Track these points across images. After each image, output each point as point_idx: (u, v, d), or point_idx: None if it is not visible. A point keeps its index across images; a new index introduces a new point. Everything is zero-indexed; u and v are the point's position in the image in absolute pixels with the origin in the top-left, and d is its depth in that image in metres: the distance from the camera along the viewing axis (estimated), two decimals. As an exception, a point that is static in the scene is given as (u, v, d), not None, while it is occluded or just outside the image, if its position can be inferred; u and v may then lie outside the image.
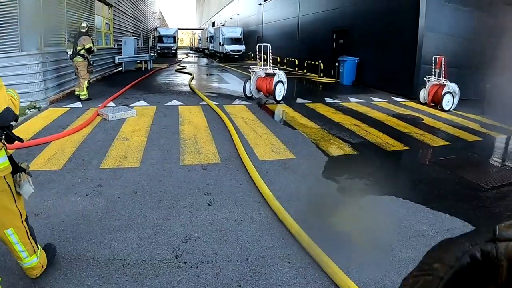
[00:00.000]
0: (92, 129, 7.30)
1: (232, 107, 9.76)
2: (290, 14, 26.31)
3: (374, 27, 15.75)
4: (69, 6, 12.27)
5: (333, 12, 19.40)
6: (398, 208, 4.28)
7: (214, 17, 75.75)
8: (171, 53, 42.68)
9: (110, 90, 12.38)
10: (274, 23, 30.73)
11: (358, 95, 13.07)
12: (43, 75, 10.09)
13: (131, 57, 21.00)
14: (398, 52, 14.25)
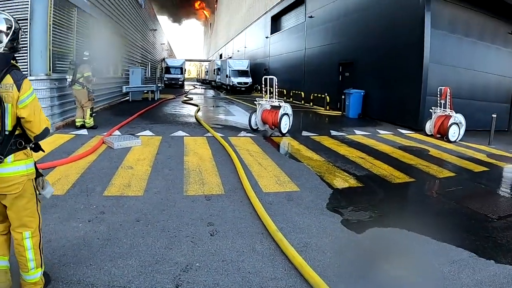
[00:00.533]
0: (97, 156, 7.42)
1: (238, 139, 9.89)
2: (296, 47, 26.86)
3: (379, 59, 16.06)
4: (78, 34, 12.63)
5: (338, 45, 19.85)
6: (402, 240, 4.30)
7: (221, 50, 77.24)
8: (178, 84, 42.96)
9: (116, 119, 12.58)
10: (280, 56, 31.32)
11: (364, 128, 13.23)
12: (50, 101, 10.32)
13: (138, 87, 21.30)
14: (403, 84, 14.47)
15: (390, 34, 15.33)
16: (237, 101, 24.58)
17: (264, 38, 36.71)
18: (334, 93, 19.80)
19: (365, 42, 17.22)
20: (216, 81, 44.98)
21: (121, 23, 20.03)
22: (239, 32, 53.19)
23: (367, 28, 17.01)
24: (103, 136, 9.31)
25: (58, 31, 10.94)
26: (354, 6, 18.21)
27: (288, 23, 31.15)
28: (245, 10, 49.88)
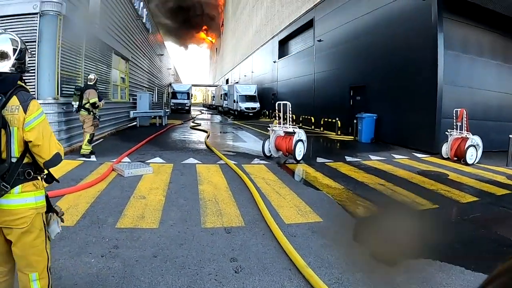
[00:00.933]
0: (107, 184, 7.22)
1: (252, 167, 9.68)
2: (305, 72, 26.92)
3: (391, 82, 15.99)
4: (87, 58, 12.72)
5: (349, 68, 19.85)
6: (437, 272, 4.05)
7: (227, 74, 77.86)
8: (185, 110, 43.08)
9: (124, 145, 12.49)
10: (289, 81, 31.41)
11: (378, 153, 13.07)
12: (57, 125, 10.27)
13: (146, 112, 21.32)
14: (417, 107, 14.34)
15: (401, 56, 15.31)
16: (246, 126, 24.46)
17: (272, 63, 36.93)
18: (345, 118, 19.72)
19: (376, 64, 17.22)
20: (223, 106, 45.14)
21: (129, 47, 20.20)
22: (245, 56, 53.69)
23: (377, 51, 17.03)
24: (112, 163, 9.15)
25: (67, 54, 10.96)
26: (363, 28, 18.28)
27: (296, 47, 31.37)
28: (251, 35, 50.48)
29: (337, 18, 21.30)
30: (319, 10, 24.37)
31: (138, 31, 23.17)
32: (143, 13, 23.39)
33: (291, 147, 10.73)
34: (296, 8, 29.74)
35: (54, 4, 9.96)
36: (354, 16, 19.22)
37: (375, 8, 17.27)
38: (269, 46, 38.65)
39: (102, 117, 14.52)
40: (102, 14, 14.28)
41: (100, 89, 14.48)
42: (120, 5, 17.68)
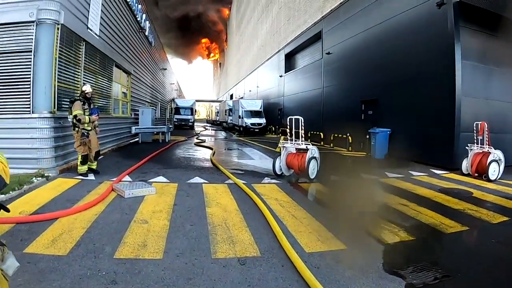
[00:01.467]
0: (105, 206, 6.73)
1: (262, 187, 9.16)
2: (313, 86, 26.68)
3: (405, 95, 15.63)
4: (86, 70, 12.41)
5: (360, 82, 19.54)
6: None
7: (232, 90, 77.95)
8: (189, 126, 43.18)
9: (125, 162, 12.10)
10: (296, 95, 31.19)
11: (395, 170, 12.59)
12: (54, 141, 9.82)
13: (149, 128, 21.07)
14: (434, 120, 13.97)
15: (415, 67, 15.01)
16: (252, 143, 24.06)
17: (278, 77, 36.82)
18: (357, 133, 19.26)
19: (388, 77, 16.92)
20: (227, 122, 45.03)
21: (131, 60, 20.01)
22: (250, 71, 53.77)
23: (390, 62, 16.75)
24: (112, 182, 8.67)
25: (64, 65, 10.59)
26: (374, 40, 18.03)
27: (303, 61, 31.26)
28: (256, 49, 50.57)
29: (346, 30, 21.13)
30: (327, 22, 24.23)
31: (140, 44, 23.04)
32: (145, 26, 23.24)
33: (303, 165, 10.25)
34: (303, 21, 29.70)
35: (52, 12, 9.62)
36: (364, 27, 19.04)
37: (386, 18, 17.05)
38: (275, 60, 38.62)
39: (103, 133, 14.17)
40: (102, 25, 14.04)
41: (100, 103, 14.31)
42: (122, 16, 17.52)
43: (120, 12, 17.15)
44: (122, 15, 17.47)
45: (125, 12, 18.27)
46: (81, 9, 11.80)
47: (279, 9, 38.07)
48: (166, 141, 21.76)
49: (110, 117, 15.94)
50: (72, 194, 7.61)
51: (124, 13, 17.92)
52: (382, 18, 17.34)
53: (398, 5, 16.19)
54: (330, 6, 23.68)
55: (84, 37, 11.98)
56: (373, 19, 18.16)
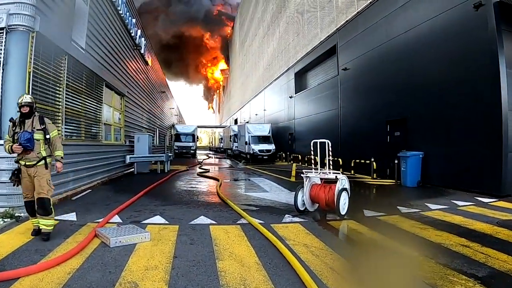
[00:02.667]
0: (83, 260, 5.45)
1: (285, 228, 7.82)
2: (328, 106, 25.98)
3: (440, 112, 14.78)
4: (69, 89, 11.49)
5: (384, 99, 18.73)
6: None
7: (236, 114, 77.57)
8: (190, 153, 43.34)
9: (116, 198, 11.13)
10: (308, 118, 30.54)
11: (434, 200, 11.68)
12: None
13: (145, 157, 20.53)
14: (476, 140, 13.07)
15: (450, 79, 14.19)
16: (262, 172, 23.13)
17: (287, 98, 36.33)
18: (382, 158, 18.41)
19: (418, 92, 16.07)
20: (232, 149, 44.71)
21: (124, 80, 19.37)
22: (256, 93, 53.57)
23: (419, 76, 15.93)
24: (96, 225, 7.44)
25: (41, 82, 9.61)
26: (399, 51, 17.27)
27: (316, 79, 30.73)
28: (262, 68, 50.23)
29: (366, 42, 20.42)
30: (342, 34, 23.60)
31: (135, 63, 22.54)
32: (141, 42, 22.74)
33: (332, 198, 9.01)
34: (314, 35, 29.12)
35: (25, 18, 8.70)
36: (386, 37, 18.29)
37: (412, 26, 16.30)
38: (284, 79, 38.17)
39: (91, 163, 13.45)
40: (90, 37, 13.26)
41: (88, 128, 13.49)
42: (114, 30, 16.91)
43: (111, 24, 16.54)
44: (113, 28, 16.88)
45: (117, 25, 17.70)
46: (63, 16, 10.97)
47: (286, 23, 37.76)
48: (165, 172, 21.09)
49: (100, 144, 15.17)
50: (42, 242, 6.41)
51: (116, 27, 17.33)
52: (407, 26, 16.62)
53: (426, 10, 15.47)
54: (345, 17, 23.04)
55: (67, 49, 11.11)
56: (397, 27, 17.46)
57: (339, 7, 24.10)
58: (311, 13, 29.98)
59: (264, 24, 49.51)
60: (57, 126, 10.57)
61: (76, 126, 12.44)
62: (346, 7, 22.88)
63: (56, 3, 10.34)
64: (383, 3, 18.70)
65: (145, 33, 25.86)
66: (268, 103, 45.78)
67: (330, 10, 25.59)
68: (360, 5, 21.05)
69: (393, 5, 17.71)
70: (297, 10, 33.96)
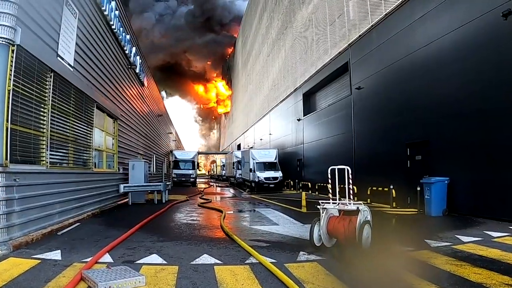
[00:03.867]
0: (65, 313, 4.95)
1: (301, 268, 7.32)
2: (341, 129, 25.90)
3: (467, 132, 14.58)
4: (55, 110, 11.24)
5: (404, 120, 18.55)
6: None
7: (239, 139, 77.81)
8: (190, 182, 43.74)
9: (107, 233, 10.80)
10: (318, 142, 30.49)
11: (465, 230, 11.49)
12: (6, 205, 8.52)
13: (141, 186, 20.36)
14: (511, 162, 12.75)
15: (481, 95, 13.93)
16: (269, 201, 22.80)
17: (295, 121, 36.46)
18: (402, 185, 18.08)
19: (442, 111, 15.80)
20: (236, 177, 44.84)
21: (117, 102, 19.32)
22: (261, 116, 54.00)
23: (444, 93, 15.65)
24: (83, 265, 6.99)
25: (23, 102, 9.36)
26: (420, 66, 17.07)
27: (326, 100, 30.81)
28: (267, 90, 50.54)
29: (381, 58, 20.37)
30: (355, 50, 23.61)
31: (129, 83, 22.57)
32: (136, 61, 22.67)
33: (353, 232, 8.63)
34: (324, 52, 29.19)
35: (4, 29, 8.45)
36: (404, 52, 18.16)
37: (432, 39, 16.17)
38: (291, 101, 38.35)
39: (80, 193, 13.19)
40: (79, 53, 13.12)
41: (78, 155, 13.43)
42: (106, 46, 16.86)
43: (103, 40, 16.49)
44: (105, 45, 16.84)
45: (110, 41, 17.68)
46: (48, 29, 10.74)
47: (293, 40, 37.97)
48: (163, 202, 20.86)
49: (91, 172, 14.94)
50: (23, 285, 6.00)
51: (108, 43, 17.30)
52: (427, 39, 16.50)
53: (447, 22, 15.38)
54: (358, 31, 23.04)
55: (53, 66, 10.86)
56: (415, 41, 17.35)
57: (351, 21, 24.11)
58: (320, 28, 30.07)
59: (268, 41, 49.98)
60: (41, 152, 10.25)
61: (63, 152, 12.15)
62: (359, 21, 22.87)
63: (40, 14, 10.12)
64: (399, 15, 18.65)
65: (140, 51, 25.89)
66: (274, 127, 45.91)
67: (341, 24, 25.61)
68: (374, 18, 20.98)
69: (410, 18, 17.64)
70: (304, 26, 34.18)
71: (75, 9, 12.58)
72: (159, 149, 37.52)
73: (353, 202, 9.33)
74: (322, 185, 27.08)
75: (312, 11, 31.62)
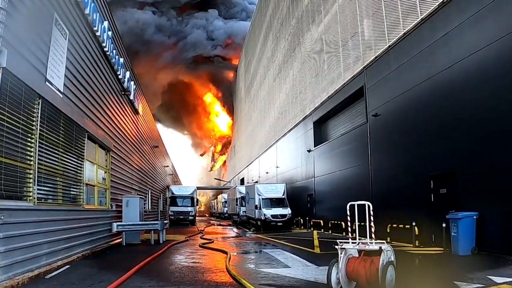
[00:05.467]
0: None
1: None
2: (356, 161, 25.99)
3: (500, 162, 14.47)
4: (43, 140, 11.27)
5: (426, 150, 18.51)
6: None
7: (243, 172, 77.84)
8: (189, 220, 43.90)
9: (100, 277, 10.78)
10: (331, 176, 30.55)
11: (497, 270, 11.35)
12: None
13: (136, 225, 20.26)
14: None
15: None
16: (278, 241, 22.76)
17: (305, 152, 36.48)
18: (425, 221, 18.00)
19: (471, 139, 15.79)
20: (239, 214, 44.74)
21: (110, 132, 19.50)
22: (267, 147, 54.08)
23: (470, 119, 15.68)
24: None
25: (8, 131, 9.39)
26: (445, 89, 17.03)
27: (339, 129, 30.92)
28: (274, 118, 50.80)
29: (400, 81, 20.48)
30: (372, 73, 23.73)
31: (123, 111, 22.79)
32: (130, 87, 22.82)
33: (375, 274, 8.62)
34: (336, 76, 29.42)
35: None
36: (427, 74, 18.16)
37: (457, 59, 16.17)
38: (300, 130, 38.54)
39: (70, 232, 13.14)
40: (69, 78, 13.25)
41: (68, 190, 13.39)
42: (98, 71, 17.02)
43: (95, 63, 16.68)
44: (98, 68, 17.03)
45: (102, 65, 17.89)
46: (36, 50, 10.80)
47: (302, 63, 38.20)
48: (160, 242, 20.78)
49: (81, 209, 14.88)
50: None
51: (100, 66, 17.50)
52: (451, 60, 16.50)
53: (474, 40, 15.40)
54: (374, 53, 23.15)
55: (41, 92, 10.88)
56: (438, 62, 17.38)
57: (366, 41, 24.33)
58: (332, 49, 30.32)
59: (274, 65, 50.26)
60: (27, 186, 10.25)
61: (51, 186, 12.15)
62: (375, 41, 23.06)
63: (27, 34, 10.21)
64: (419, 34, 18.81)
65: (135, 76, 26.19)
66: (282, 159, 46.00)
67: (355, 45, 25.83)
68: (391, 37, 21.12)
69: (431, 37, 17.77)
70: (314, 47, 34.44)
71: (65, 29, 12.70)
72: (155, 184, 37.69)
73: (375, 241, 9.32)
74: (335, 223, 27.06)
75: (323, 31, 31.94)
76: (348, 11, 27.05)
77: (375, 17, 23.04)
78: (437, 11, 17.32)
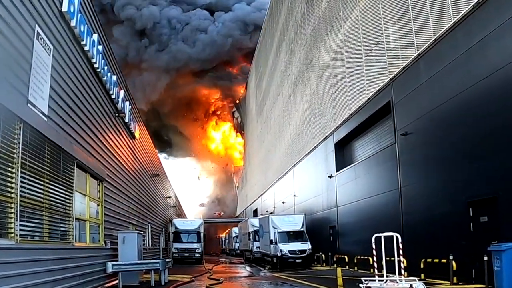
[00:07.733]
0: None
1: None
2: (384, 186, 25.85)
3: None
4: (25, 170, 11.21)
5: (465, 173, 18.40)
6: None
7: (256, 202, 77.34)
8: (195, 258, 43.08)
9: None
10: (357, 204, 30.28)
11: None
12: None
13: (134, 264, 20.04)
14: None
15: None
16: (297, 281, 22.63)
17: (326, 179, 36.19)
18: (464, 254, 17.88)
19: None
20: (252, 250, 44.52)
21: (103, 160, 19.47)
22: (282, 173, 53.78)
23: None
24: None
25: None
26: (485, 101, 16.90)
27: (364, 150, 30.90)
28: (289, 140, 50.67)
29: (432, 94, 20.42)
30: (399, 86, 23.69)
31: (117, 135, 22.75)
32: (125, 108, 22.74)
33: None
34: (359, 91, 29.37)
35: None
36: (463, 85, 18.00)
37: (498, 67, 15.91)
38: (320, 153, 38.48)
39: (58, 273, 13.01)
40: (54, 100, 13.23)
41: (55, 226, 13.28)
42: (88, 90, 16.99)
43: (84, 82, 16.58)
44: (87, 88, 16.93)
45: (93, 83, 17.80)
46: (16, 68, 10.73)
47: (320, 77, 38.13)
48: (162, 284, 20.68)
49: (71, 247, 14.75)
50: None
51: (90, 85, 17.40)
52: (491, 68, 16.33)
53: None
54: (401, 62, 23.03)
55: (22, 115, 10.84)
56: (475, 71, 17.26)
57: (391, 50, 24.27)
58: (353, 60, 30.29)
59: (289, 80, 50.21)
60: (9, 222, 10.23)
61: (37, 222, 12.07)
62: (402, 49, 22.96)
63: (4, 50, 10.09)
64: (452, 40, 18.74)
65: (130, 95, 26.25)
66: (299, 187, 45.79)
67: (380, 54, 25.78)
68: (421, 44, 20.96)
69: (466, 43, 17.68)
70: (333, 58, 34.36)
71: (48, 43, 12.62)
72: (156, 217, 37.52)
73: (405, 278, 9.30)
74: (362, 258, 26.85)
75: (343, 39, 31.91)
76: (370, 16, 27.02)
77: (402, 22, 22.97)
78: (472, 13, 17.19)
